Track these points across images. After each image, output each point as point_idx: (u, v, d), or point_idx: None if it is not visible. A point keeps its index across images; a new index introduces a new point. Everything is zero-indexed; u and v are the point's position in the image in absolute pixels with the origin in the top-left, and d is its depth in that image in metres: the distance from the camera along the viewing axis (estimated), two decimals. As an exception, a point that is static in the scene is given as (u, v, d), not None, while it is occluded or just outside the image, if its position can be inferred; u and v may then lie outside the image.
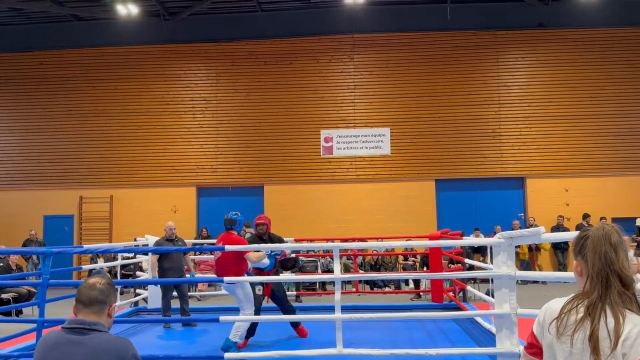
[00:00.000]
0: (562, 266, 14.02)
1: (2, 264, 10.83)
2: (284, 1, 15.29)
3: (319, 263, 12.87)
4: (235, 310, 8.88)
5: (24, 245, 13.88)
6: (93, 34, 15.98)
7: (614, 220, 13.92)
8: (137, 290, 10.09)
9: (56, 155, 15.85)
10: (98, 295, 2.26)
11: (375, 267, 13.38)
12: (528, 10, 15.12)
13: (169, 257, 8.31)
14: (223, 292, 11.26)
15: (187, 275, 8.72)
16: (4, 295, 9.83)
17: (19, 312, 9.86)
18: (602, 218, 13.86)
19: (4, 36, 16.27)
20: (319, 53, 15.59)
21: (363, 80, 15.49)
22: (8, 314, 9.24)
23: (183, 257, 8.54)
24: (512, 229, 12.41)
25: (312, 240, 11.84)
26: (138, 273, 10.82)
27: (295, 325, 7.38)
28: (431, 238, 9.79)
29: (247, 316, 6.52)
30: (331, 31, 15.51)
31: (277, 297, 7.26)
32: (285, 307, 7.28)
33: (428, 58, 15.33)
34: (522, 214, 14.95)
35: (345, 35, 15.51)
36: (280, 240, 7.38)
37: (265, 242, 7.15)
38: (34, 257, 13.60)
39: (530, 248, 14.13)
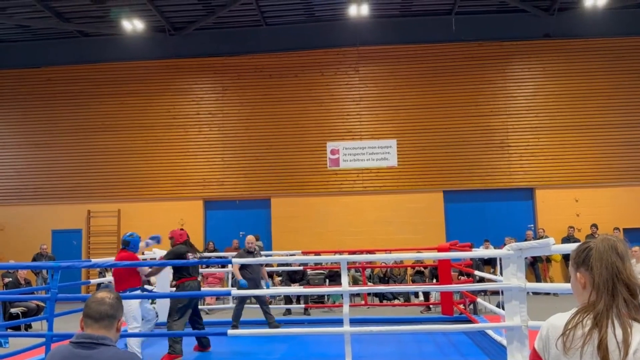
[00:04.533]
0: (572, 277, 13.85)
1: (11, 279, 10.85)
2: (289, 15, 15.38)
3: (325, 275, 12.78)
4: (244, 324, 8.85)
5: (34, 259, 13.91)
6: (99, 49, 16.13)
7: (625, 230, 13.82)
8: (145, 305, 10.03)
9: (64, 170, 15.92)
10: (108, 310, 2.24)
11: (384, 279, 13.29)
12: (534, 21, 15.14)
13: (249, 267, 8.77)
14: (231, 305, 11.22)
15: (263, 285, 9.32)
16: (13, 310, 9.83)
17: (27, 327, 9.86)
18: (615, 229, 13.72)
19: (11, 53, 16.44)
20: (324, 66, 15.65)
21: (369, 92, 15.52)
22: (17, 328, 9.23)
23: (260, 268, 9.18)
24: (526, 240, 12.36)
25: (319, 253, 11.79)
26: (146, 287, 10.78)
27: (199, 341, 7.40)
28: (440, 250, 9.73)
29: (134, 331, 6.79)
30: (336, 44, 15.58)
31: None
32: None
33: (434, 69, 15.35)
34: (532, 225, 14.84)
35: (350, 48, 15.57)
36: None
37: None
38: (44, 271, 13.62)
39: (541, 259, 14.00)
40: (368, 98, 15.50)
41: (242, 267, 8.72)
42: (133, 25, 14.84)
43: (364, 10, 14.54)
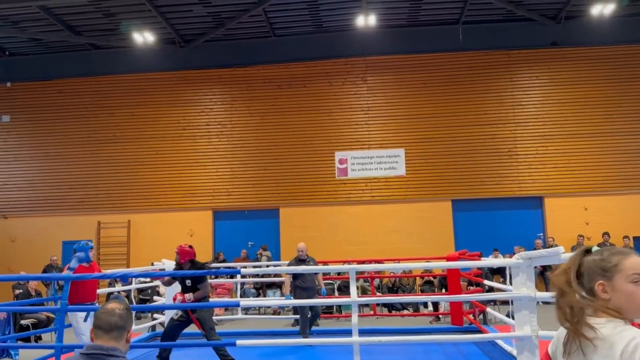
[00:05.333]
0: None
1: (21, 290, 10.92)
2: (297, 26, 15.49)
3: (335, 286, 12.78)
4: (253, 335, 8.85)
5: (44, 271, 13.98)
6: (110, 62, 16.31)
7: (636, 239, 13.70)
8: (154, 315, 10.08)
9: (74, 181, 16.06)
10: (118, 321, 2.27)
11: (393, 289, 13.25)
12: (541, 30, 15.14)
13: (302, 277, 8.49)
14: (240, 316, 11.23)
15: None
16: (23, 321, 9.89)
17: (38, 338, 9.90)
18: (625, 237, 13.61)
19: (23, 66, 16.67)
20: (332, 76, 15.72)
21: (376, 101, 15.56)
22: (27, 339, 9.28)
23: (315, 277, 8.81)
24: (535, 249, 12.28)
25: (327, 263, 11.77)
26: (155, 298, 10.83)
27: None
28: (449, 259, 9.69)
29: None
30: (344, 54, 15.65)
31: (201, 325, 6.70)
32: (207, 337, 6.63)
33: (441, 79, 15.37)
34: (541, 234, 14.75)
35: (357, 58, 15.64)
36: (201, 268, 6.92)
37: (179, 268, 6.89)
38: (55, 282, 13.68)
39: (550, 269, 13.88)
40: (376, 108, 15.54)
41: (295, 277, 8.48)
42: (143, 37, 14.99)
43: (372, 20, 14.62)
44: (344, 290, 12.10)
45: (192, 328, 7.72)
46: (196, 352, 7.58)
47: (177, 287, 8.88)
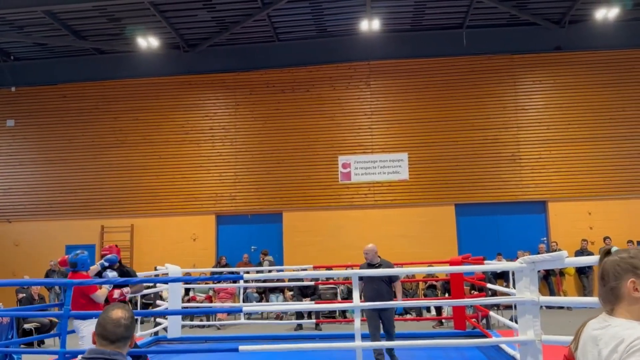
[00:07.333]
0: (587, 291, 13.70)
1: (25, 295, 10.95)
2: (301, 30, 15.53)
3: (338, 290, 12.77)
4: (256, 339, 8.84)
5: (47, 275, 14.01)
6: (114, 66, 16.37)
7: (640, 243, 13.62)
8: (157, 320, 10.08)
9: (78, 185, 16.10)
10: (124, 333, 2.28)
11: (396, 293, 13.20)
12: (544, 34, 15.13)
13: (370, 284, 7.38)
14: (242, 320, 11.22)
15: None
16: (26, 326, 9.90)
17: (40, 343, 9.92)
18: (629, 241, 13.55)
19: (28, 70, 16.74)
20: (335, 80, 15.74)
21: (380, 106, 15.57)
22: (30, 344, 9.29)
23: (390, 285, 7.38)
24: (538, 253, 12.24)
25: (331, 268, 11.77)
26: (158, 302, 10.82)
27: None
28: (452, 263, 9.68)
29: None
30: (347, 58, 15.67)
31: None
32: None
33: (445, 83, 15.37)
34: (545, 239, 14.70)
35: (361, 62, 15.65)
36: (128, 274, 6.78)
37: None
38: (56, 287, 13.72)
39: (554, 273, 13.85)
40: (379, 112, 15.54)
41: (365, 282, 7.51)
42: (148, 42, 15.06)
43: (375, 25, 14.65)
44: (327, 297, 12.03)
45: (196, 332, 7.75)
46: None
47: (179, 290, 8.88)
